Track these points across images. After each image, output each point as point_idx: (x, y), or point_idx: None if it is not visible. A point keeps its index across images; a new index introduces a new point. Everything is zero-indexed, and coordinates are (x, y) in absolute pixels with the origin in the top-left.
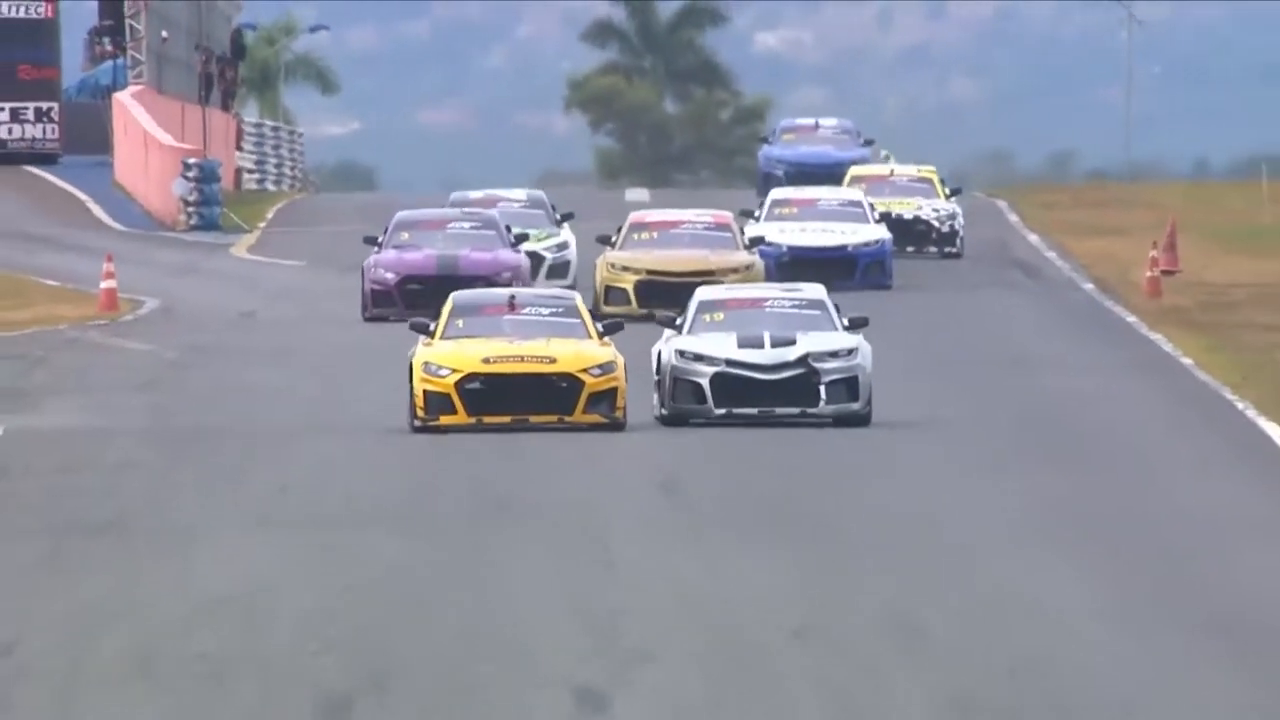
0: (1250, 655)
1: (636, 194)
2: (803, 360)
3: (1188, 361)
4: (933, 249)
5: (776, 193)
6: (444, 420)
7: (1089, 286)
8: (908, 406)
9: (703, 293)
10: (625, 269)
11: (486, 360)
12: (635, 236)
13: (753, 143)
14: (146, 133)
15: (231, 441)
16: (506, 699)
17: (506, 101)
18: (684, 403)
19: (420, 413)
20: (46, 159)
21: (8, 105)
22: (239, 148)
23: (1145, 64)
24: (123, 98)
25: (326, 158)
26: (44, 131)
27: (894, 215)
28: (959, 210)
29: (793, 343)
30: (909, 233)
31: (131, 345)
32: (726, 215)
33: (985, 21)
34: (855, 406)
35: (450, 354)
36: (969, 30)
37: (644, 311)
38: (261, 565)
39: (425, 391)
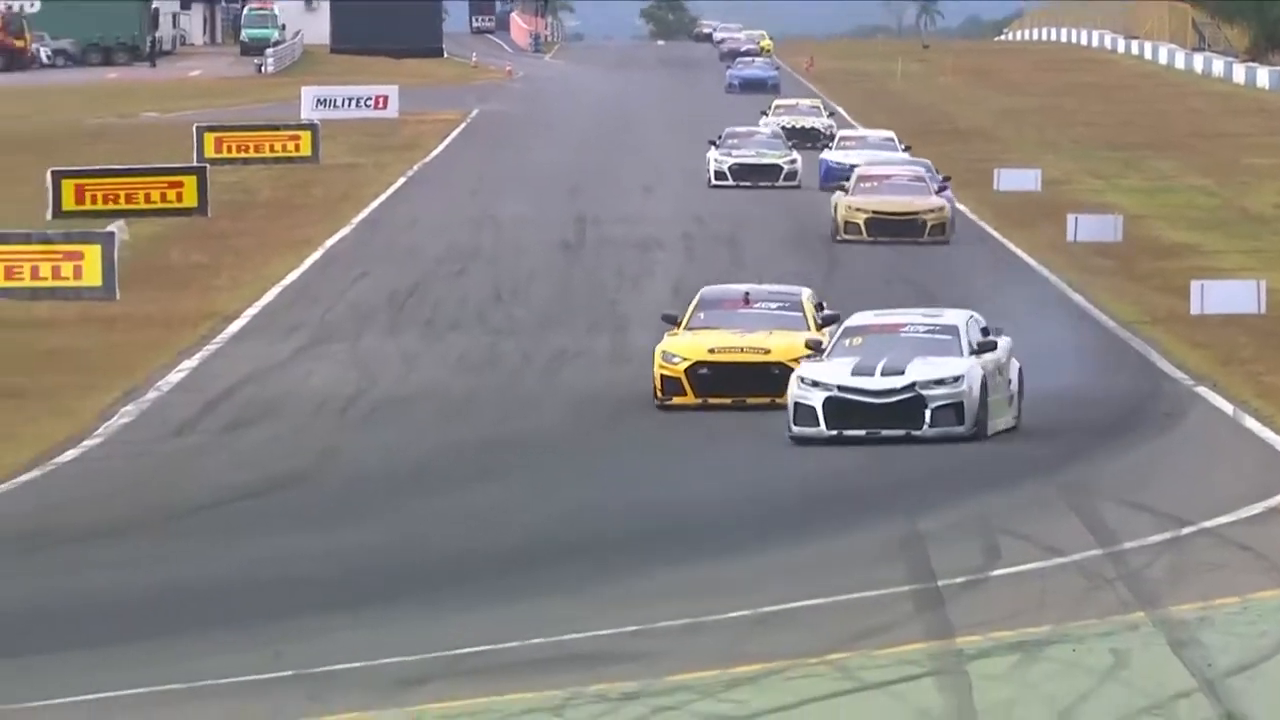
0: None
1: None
2: (909, 387)
3: (805, 81)
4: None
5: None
6: (676, 400)
7: (783, 64)
8: None
9: (852, 319)
10: (858, 210)
11: (712, 350)
12: (861, 184)
13: None
14: (518, 24)
15: (532, 118)
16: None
17: None
18: (803, 425)
19: (659, 394)
20: (485, 31)
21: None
22: (546, 28)
23: None
24: (514, 14)
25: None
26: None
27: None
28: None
29: (902, 372)
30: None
31: (513, 85)
32: (922, 170)
33: None
34: (960, 429)
35: (684, 344)
36: None
37: (871, 238)
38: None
39: (662, 376)
